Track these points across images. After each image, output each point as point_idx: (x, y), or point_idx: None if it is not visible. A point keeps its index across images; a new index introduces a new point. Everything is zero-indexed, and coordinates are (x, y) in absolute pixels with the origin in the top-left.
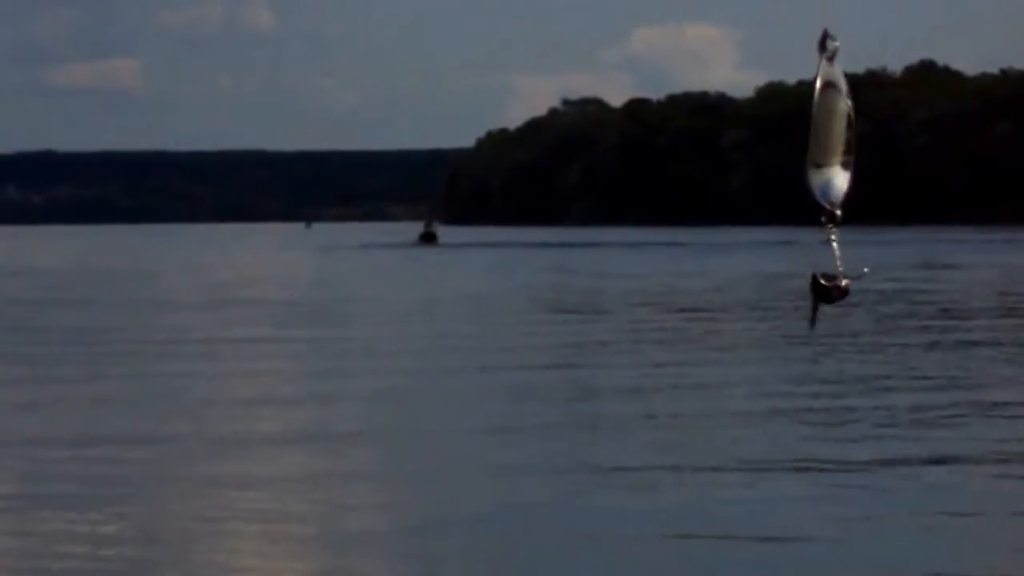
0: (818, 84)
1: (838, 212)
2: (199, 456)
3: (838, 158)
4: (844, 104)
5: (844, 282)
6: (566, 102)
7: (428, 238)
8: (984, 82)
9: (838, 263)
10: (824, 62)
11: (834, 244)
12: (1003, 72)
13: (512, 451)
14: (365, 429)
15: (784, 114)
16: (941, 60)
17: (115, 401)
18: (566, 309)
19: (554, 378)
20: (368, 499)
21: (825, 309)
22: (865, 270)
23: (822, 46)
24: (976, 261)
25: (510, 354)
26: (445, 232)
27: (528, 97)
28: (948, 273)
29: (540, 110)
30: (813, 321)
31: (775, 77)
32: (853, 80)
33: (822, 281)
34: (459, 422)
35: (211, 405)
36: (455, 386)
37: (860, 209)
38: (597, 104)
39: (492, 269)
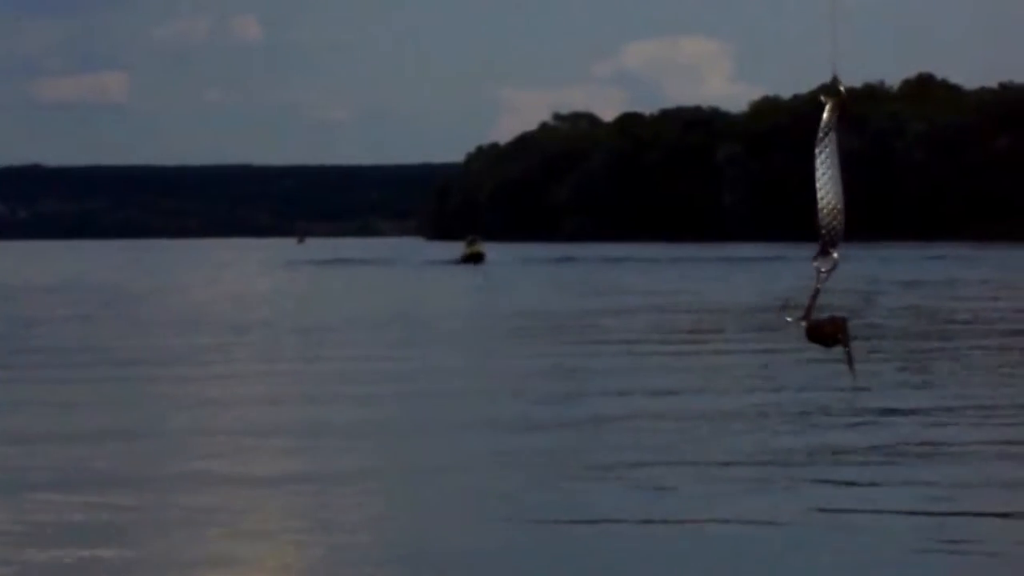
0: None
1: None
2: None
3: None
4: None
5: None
6: (558, 117)
7: (475, 258)
8: (983, 96)
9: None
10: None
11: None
12: (1002, 86)
13: (509, 471)
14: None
15: (778, 129)
16: (939, 74)
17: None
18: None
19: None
20: (359, 512)
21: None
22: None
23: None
24: (974, 277)
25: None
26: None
27: (519, 112)
28: (944, 289)
29: (531, 125)
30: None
31: (770, 91)
32: (851, 94)
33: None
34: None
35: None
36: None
37: (856, 224)
38: (589, 119)
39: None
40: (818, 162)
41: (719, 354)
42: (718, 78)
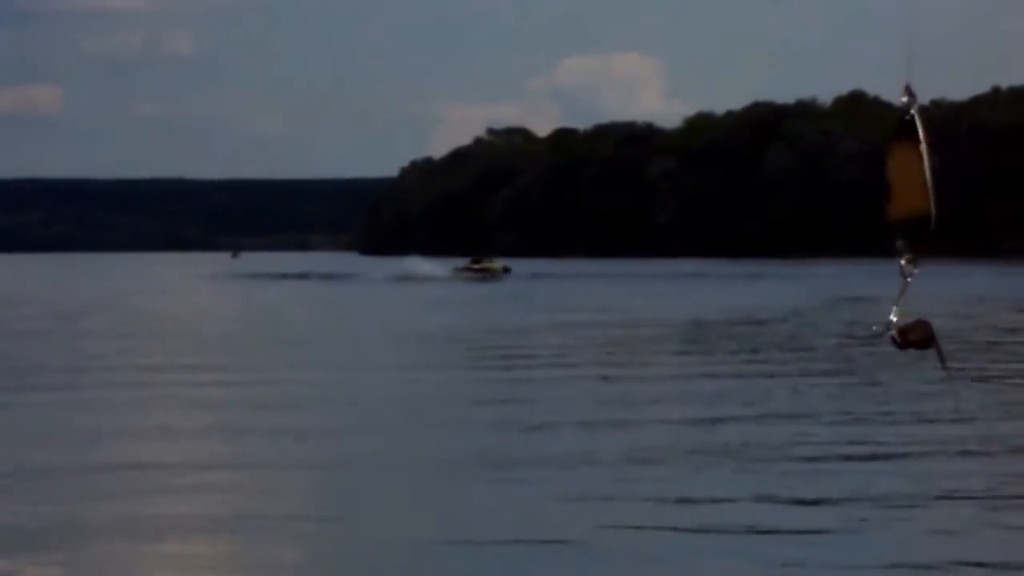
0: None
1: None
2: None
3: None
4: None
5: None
6: (492, 132)
7: (489, 272)
8: None
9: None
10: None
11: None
12: (934, 103)
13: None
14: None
15: (712, 145)
16: (871, 90)
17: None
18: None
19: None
20: (289, 556)
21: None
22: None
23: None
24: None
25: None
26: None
27: (453, 126)
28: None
29: (465, 140)
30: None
31: (704, 107)
32: (782, 110)
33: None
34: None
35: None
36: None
37: (788, 242)
38: (523, 134)
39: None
40: (926, 160)
41: (674, 379)
42: (652, 94)
